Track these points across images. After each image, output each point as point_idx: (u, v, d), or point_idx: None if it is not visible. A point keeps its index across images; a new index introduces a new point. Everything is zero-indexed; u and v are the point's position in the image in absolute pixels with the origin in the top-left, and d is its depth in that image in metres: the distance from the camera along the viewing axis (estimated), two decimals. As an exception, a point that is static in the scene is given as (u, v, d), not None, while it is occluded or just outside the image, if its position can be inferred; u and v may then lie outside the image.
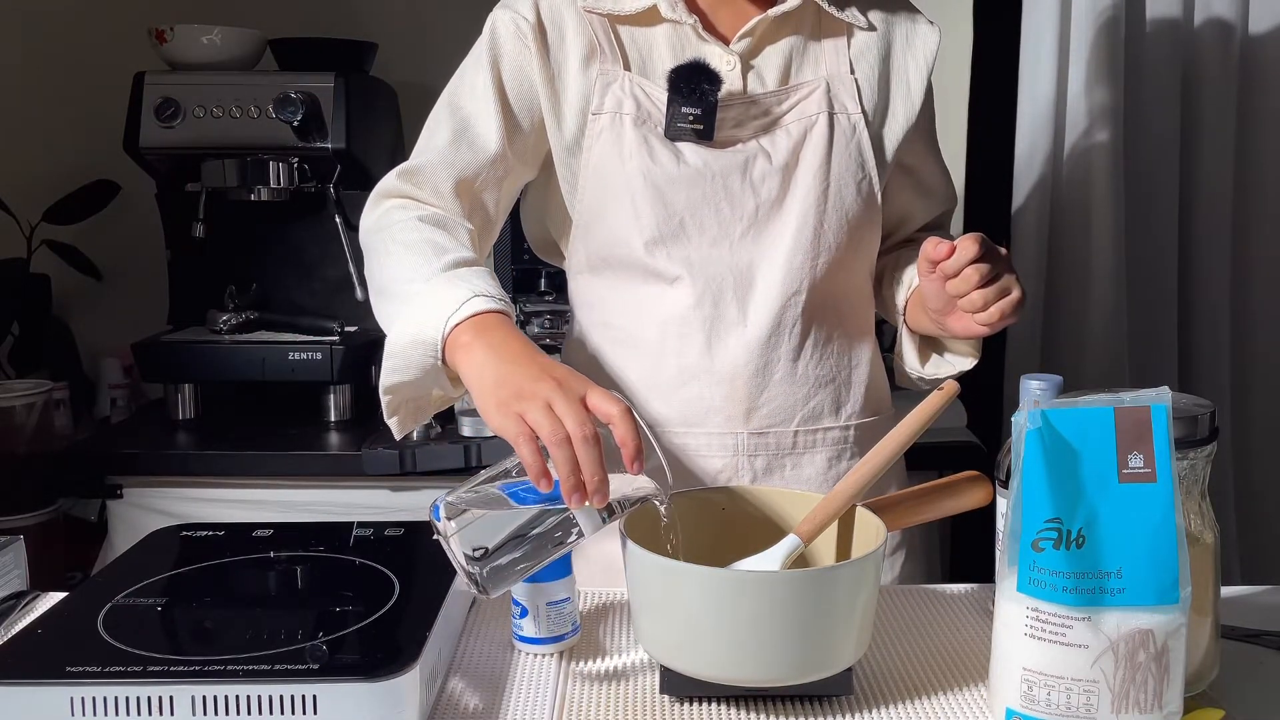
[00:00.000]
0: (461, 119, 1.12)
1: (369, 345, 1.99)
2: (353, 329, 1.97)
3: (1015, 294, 1.02)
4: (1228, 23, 2.06)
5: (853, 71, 1.15)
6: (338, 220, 1.98)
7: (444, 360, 0.96)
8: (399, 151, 2.18)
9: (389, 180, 1.13)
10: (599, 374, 1.16)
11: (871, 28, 1.17)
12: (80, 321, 2.31)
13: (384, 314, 1.04)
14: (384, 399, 1.02)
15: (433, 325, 0.95)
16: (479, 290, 0.97)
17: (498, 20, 1.13)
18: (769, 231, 1.12)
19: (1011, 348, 2.08)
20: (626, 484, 0.86)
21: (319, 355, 1.89)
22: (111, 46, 2.22)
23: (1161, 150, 2.11)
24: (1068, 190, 2.11)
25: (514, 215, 2.04)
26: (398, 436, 1.06)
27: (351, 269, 1.97)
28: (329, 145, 1.91)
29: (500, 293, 0.98)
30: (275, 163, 1.92)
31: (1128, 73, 2.06)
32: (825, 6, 1.14)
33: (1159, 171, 2.11)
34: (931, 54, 1.19)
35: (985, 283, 1.00)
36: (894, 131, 1.17)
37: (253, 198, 1.94)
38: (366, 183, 2.03)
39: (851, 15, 1.16)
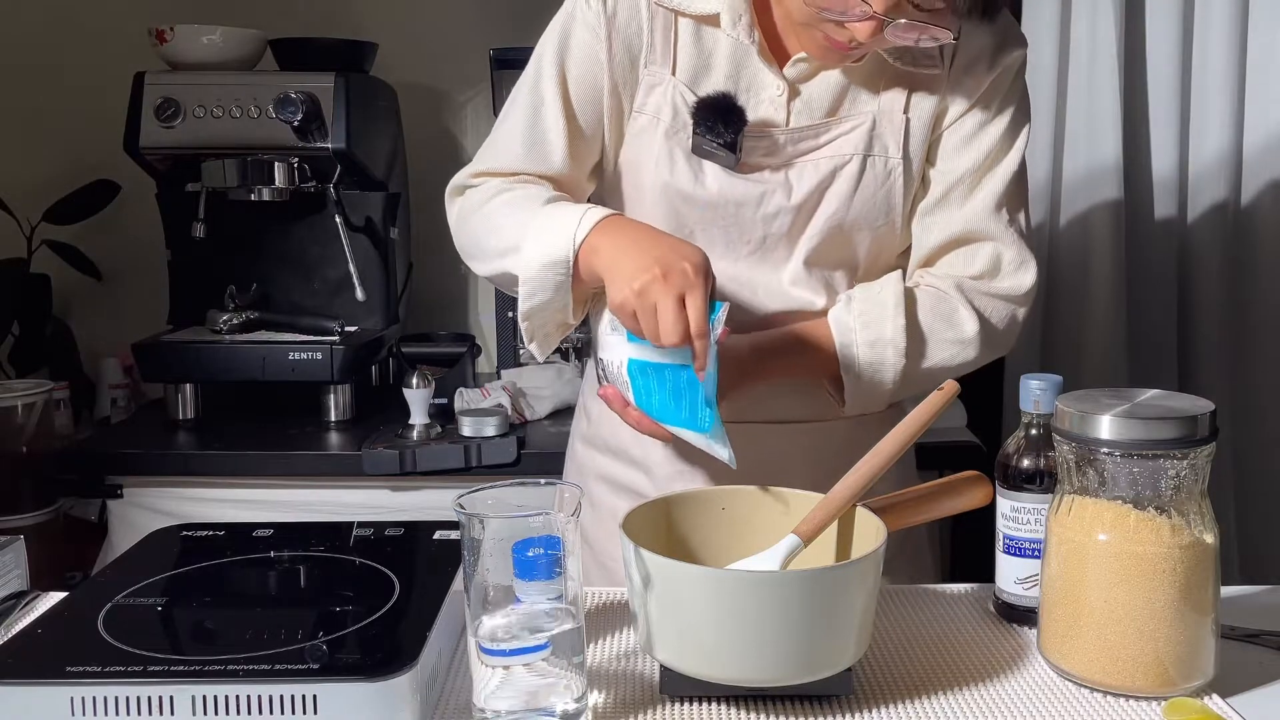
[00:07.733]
0: (536, 130, 1.12)
1: (369, 345, 1.99)
2: (353, 329, 1.97)
3: None
4: (1227, 23, 2.06)
5: (906, 110, 1.10)
6: (338, 220, 1.97)
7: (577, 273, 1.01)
8: (399, 151, 2.18)
9: (463, 176, 1.16)
10: None
11: (937, 65, 1.09)
12: (80, 321, 2.31)
13: (506, 263, 1.06)
14: (523, 325, 1.07)
15: (562, 245, 1.01)
16: (587, 206, 1.03)
17: (576, 7, 1.12)
18: (772, 259, 1.12)
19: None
20: None
21: (319, 355, 1.89)
22: (111, 46, 2.22)
23: (1162, 150, 2.11)
24: (1067, 191, 2.11)
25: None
26: (540, 359, 1.12)
27: (351, 269, 1.96)
28: (329, 145, 1.90)
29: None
30: (275, 163, 1.92)
31: (1128, 73, 2.06)
32: (889, 60, 1.08)
33: (1159, 171, 2.11)
34: (1004, 67, 1.10)
35: None
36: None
37: (253, 198, 1.94)
38: (366, 183, 2.04)
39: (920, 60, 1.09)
